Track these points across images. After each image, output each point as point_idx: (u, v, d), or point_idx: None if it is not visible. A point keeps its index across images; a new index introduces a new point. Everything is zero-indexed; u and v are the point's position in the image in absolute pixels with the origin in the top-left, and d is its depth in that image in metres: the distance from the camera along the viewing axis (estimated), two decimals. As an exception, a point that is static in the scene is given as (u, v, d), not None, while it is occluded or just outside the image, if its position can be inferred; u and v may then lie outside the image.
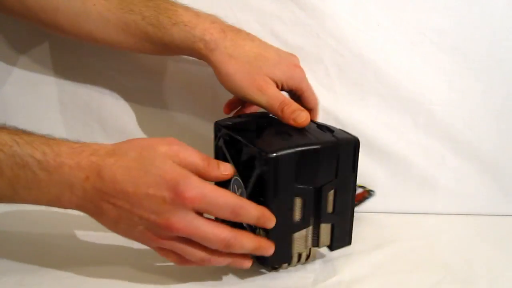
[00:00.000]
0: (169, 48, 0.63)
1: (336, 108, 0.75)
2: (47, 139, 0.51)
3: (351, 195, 0.59)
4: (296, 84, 0.64)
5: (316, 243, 0.59)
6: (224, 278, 0.59)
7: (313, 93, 0.66)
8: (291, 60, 0.65)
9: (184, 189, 0.48)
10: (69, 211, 0.70)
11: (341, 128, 0.60)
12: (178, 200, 0.48)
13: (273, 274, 0.60)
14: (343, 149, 0.57)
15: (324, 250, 0.62)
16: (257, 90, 0.61)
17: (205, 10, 0.68)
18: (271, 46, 0.65)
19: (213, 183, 0.54)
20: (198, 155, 0.52)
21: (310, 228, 0.58)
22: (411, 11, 0.72)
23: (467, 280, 0.60)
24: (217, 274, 0.59)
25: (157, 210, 0.48)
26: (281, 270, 0.61)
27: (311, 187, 0.56)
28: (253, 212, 0.52)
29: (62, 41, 0.73)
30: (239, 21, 0.72)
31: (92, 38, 0.65)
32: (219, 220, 0.52)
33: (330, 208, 0.58)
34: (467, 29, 0.72)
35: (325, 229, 0.59)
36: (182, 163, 0.50)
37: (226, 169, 0.54)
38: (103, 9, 0.63)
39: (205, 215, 0.51)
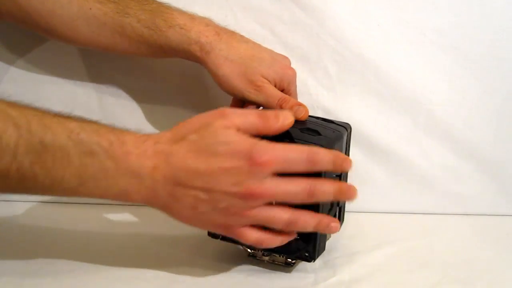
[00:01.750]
0: (165, 50, 0.64)
1: (336, 108, 0.75)
2: (112, 128, 0.50)
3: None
4: (286, 85, 0.65)
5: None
6: (225, 277, 0.59)
7: (296, 97, 0.68)
8: (284, 62, 0.66)
9: (258, 155, 0.47)
10: (74, 209, 0.72)
11: None
12: (254, 167, 0.48)
13: (273, 274, 0.60)
14: (348, 134, 0.64)
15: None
16: (254, 90, 0.62)
17: (206, 10, 0.68)
18: (264, 48, 0.66)
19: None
20: (253, 115, 0.51)
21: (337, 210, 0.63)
22: (411, 11, 0.72)
23: (467, 280, 0.60)
24: (217, 274, 0.59)
25: (236, 181, 0.48)
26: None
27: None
28: (328, 155, 0.50)
29: (62, 41, 0.73)
30: (239, 21, 0.72)
31: (88, 42, 0.66)
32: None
33: None
34: (467, 29, 0.72)
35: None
36: (242, 129, 0.49)
37: (286, 117, 0.52)
38: (99, 13, 0.63)
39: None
